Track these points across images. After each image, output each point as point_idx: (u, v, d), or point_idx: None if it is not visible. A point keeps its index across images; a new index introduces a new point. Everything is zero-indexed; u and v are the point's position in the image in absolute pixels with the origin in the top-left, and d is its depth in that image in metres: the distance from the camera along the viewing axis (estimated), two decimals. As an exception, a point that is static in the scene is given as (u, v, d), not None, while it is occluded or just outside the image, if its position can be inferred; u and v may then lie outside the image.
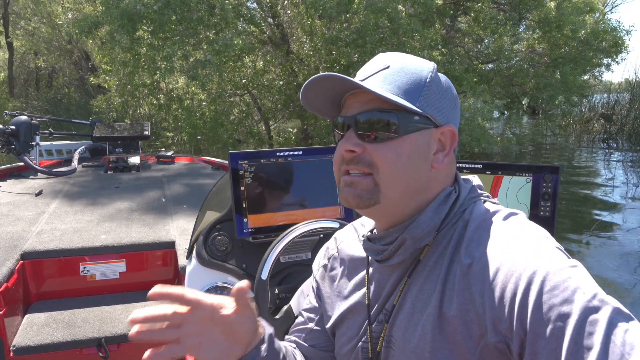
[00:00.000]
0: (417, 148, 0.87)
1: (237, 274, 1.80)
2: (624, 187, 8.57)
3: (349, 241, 1.07)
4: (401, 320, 0.87)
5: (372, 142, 0.86)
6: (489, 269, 0.75)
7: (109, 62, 10.39)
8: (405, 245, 0.86)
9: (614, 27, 12.76)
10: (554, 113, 15.36)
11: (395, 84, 0.86)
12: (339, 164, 0.90)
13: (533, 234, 0.78)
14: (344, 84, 0.87)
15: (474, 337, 0.75)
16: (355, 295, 0.98)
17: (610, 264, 4.98)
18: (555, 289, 0.67)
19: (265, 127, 12.77)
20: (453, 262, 0.82)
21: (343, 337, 0.99)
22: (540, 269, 0.69)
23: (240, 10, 9.93)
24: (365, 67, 0.93)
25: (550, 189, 1.43)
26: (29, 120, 4.14)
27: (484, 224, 0.83)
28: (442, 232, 0.86)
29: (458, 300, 0.77)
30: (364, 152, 0.86)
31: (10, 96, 18.56)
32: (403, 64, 0.90)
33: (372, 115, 0.86)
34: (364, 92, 0.88)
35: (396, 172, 0.86)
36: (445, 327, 0.78)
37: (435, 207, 0.87)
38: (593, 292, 0.66)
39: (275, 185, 1.81)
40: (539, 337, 0.66)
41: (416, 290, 0.85)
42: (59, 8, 15.29)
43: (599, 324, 0.63)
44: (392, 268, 0.91)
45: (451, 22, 12.79)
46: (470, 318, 0.75)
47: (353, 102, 0.89)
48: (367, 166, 0.86)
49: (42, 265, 2.38)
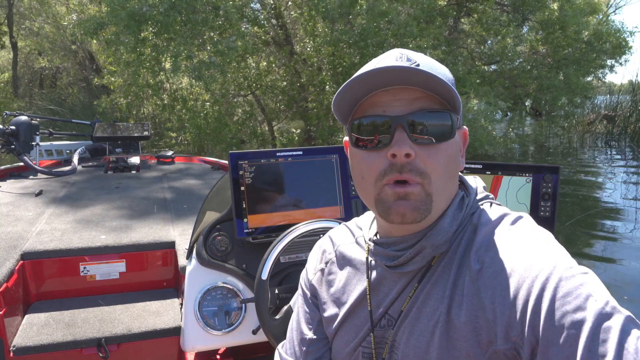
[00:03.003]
0: (457, 151, 0.84)
1: (237, 274, 1.80)
2: (625, 188, 8.54)
3: (346, 244, 1.02)
4: (406, 325, 0.85)
5: (423, 146, 0.78)
6: (500, 275, 0.74)
7: (113, 63, 10.42)
8: (424, 253, 0.83)
9: (618, 29, 12.75)
10: (557, 114, 15.33)
11: (445, 80, 0.78)
12: (379, 172, 0.80)
13: (543, 239, 0.77)
14: (395, 77, 0.78)
15: (483, 344, 0.73)
16: (355, 300, 0.94)
17: (613, 265, 4.97)
18: (568, 295, 0.66)
19: (269, 127, 12.78)
20: (462, 267, 0.80)
21: (341, 340, 0.97)
22: (552, 275, 0.68)
23: (244, 11, 9.95)
24: (382, 61, 0.83)
25: (550, 189, 1.43)
26: (29, 121, 4.14)
27: (493, 229, 0.81)
28: (452, 236, 0.84)
29: (467, 307, 0.76)
30: (416, 158, 0.78)
31: (15, 96, 18.61)
32: (429, 62, 0.83)
33: (426, 116, 0.79)
34: (406, 89, 0.80)
35: (446, 178, 0.81)
36: (453, 334, 0.77)
37: (452, 213, 0.84)
38: (605, 299, 0.65)
39: (275, 185, 1.80)
40: (551, 344, 0.65)
41: (423, 295, 0.83)
42: (63, 9, 15.34)
43: (613, 332, 0.62)
44: (399, 274, 0.87)
45: (454, 24, 12.78)
46: (480, 324, 0.74)
47: (391, 100, 0.80)
48: (418, 175, 0.78)
49: (42, 265, 2.38)
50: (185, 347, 1.77)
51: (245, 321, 1.78)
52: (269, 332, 1.50)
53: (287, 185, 1.82)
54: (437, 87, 0.78)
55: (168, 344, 2.19)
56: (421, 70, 0.75)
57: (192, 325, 1.75)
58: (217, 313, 1.77)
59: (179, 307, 2.34)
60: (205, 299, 1.77)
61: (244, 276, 1.80)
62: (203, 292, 1.77)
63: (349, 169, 1.88)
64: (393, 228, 0.87)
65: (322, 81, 10.40)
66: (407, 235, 0.86)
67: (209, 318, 1.76)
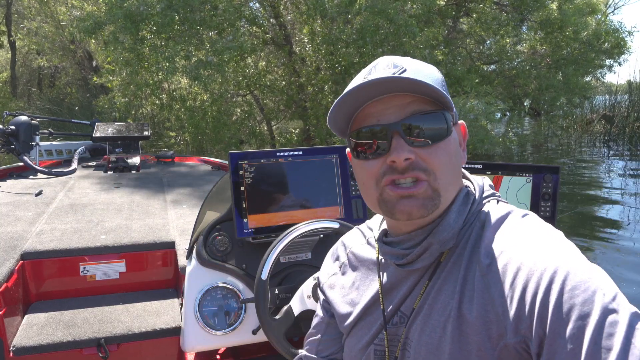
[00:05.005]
0: (456, 146, 0.87)
1: (237, 274, 1.80)
2: (624, 187, 8.55)
3: (358, 246, 1.06)
4: (418, 322, 0.86)
5: (423, 147, 0.82)
6: (509, 269, 0.75)
7: (111, 62, 10.41)
8: (431, 249, 0.84)
9: (616, 29, 12.78)
10: (556, 114, 15.36)
11: (432, 82, 0.81)
12: (378, 175, 0.84)
13: (551, 234, 0.78)
14: (383, 87, 0.81)
15: (493, 338, 0.74)
16: (369, 300, 0.96)
17: (613, 265, 4.98)
18: (576, 289, 0.67)
19: (268, 127, 12.78)
20: (471, 262, 0.81)
21: (353, 338, 0.99)
22: (560, 268, 0.69)
23: (242, 11, 9.94)
24: (372, 72, 0.86)
25: (550, 189, 1.43)
26: (28, 121, 4.14)
27: (502, 224, 0.82)
28: (460, 232, 0.85)
29: (478, 301, 0.77)
30: (416, 159, 0.81)
31: (13, 96, 18.59)
32: (417, 66, 0.86)
33: (419, 118, 0.82)
34: (397, 96, 0.83)
35: (450, 173, 0.84)
36: (464, 328, 0.78)
37: (457, 209, 0.86)
38: (613, 293, 0.66)
39: (275, 185, 1.80)
40: (558, 336, 0.66)
41: (434, 291, 0.84)
42: (62, 8, 15.33)
43: (619, 326, 0.63)
44: (409, 271, 0.89)
45: (453, 23, 12.79)
46: (490, 319, 0.75)
47: (383, 109, 0.84)
48: (423, 172, 0.81)
49: (42, 265, 2.38)
50: (185, 347, 1.77)
51: (245, 321, 1.79)
52: (269, 332, 1.50)
53: (287, 185, 1.82)
54: (424, 89, 0.81)
55: (168, 344, 2.19)
56: (404, 78, 0.79)
57: (192, 325, 1.75)
58: (217, 313, 1.78)
59: (179, 307, 2.34)
60: (205, 299, 1.77)
61: (244, 276, 1.80)
62: (203, 292, 1.77)
63: (349, 169, 1.89)
64: (401, 224, 0.90)
65: (321, 81, 10.40)
66: (413, 232, 0.87)
67: (209, 318, 1.77)
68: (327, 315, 1.10)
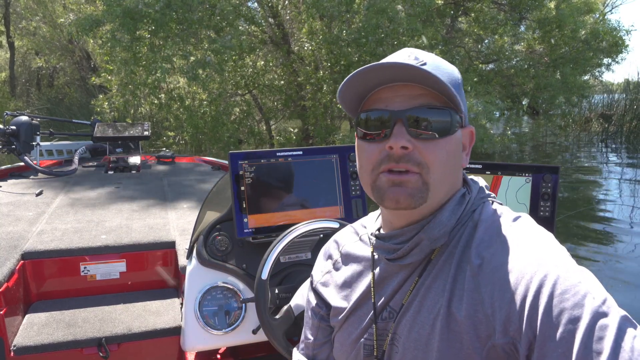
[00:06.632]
0: (457, 147, 0.87)
1: (237, 274, 1.80)
2: (622, 185, 8.57)
3: (350, 243, 1.06)
4: (407, 318, 0.86)
5: (423, 140, 0.82)
6: (500, 271, 0.75)
7: (109, 61, 10.39)
8: (421, 245, 0.85)
9: (614, 27, 12.77)
10: (554, 113, 15.37)
11: (446, 80, 0.82)
12: (376, 162, 0.85)
13: (543, 237, 0.79)
14: (395, 73, 0.82)
15: (482, 337, 0.75)
16: (360, 294, 0.97)
17: (612, 266, 4.99)
18: (566, 292, 0.67)
19: (266, 126, 12.77)
20: (462, 262, 0.82)
21: (344, 333, 0.99)
22: (551, 272, 0.70)
23: (240, 10, 9.93)
24: (391, 58, 0.88)
25: (550, 189, 1.43)
26: (29, 121, 4.14)
27: (494, 225, 0.83)
28: (452, 231, 0.86)
29: (467, 301, 0.78)
30: (414, 150, 0.82)
31: (12, 96, 18.57)
32: (437, 61, 0.88)
33: (426, 112, 0.83)
34: (407, 86, 0.84)
35: (445, 171, 0.84)
36: (453, 327, 0.79)
37: (452, 208, 0.86)
38: (603, 297, 0.67)
39: (275, 185, 1.81)
40: (548, 339, 0.66)
41: (424, 288, 0.85)
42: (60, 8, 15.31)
43: (609, 329, 0.63)
44: (400, 266, 0.90)
45: (451, 23, 12.79)
46: (479, 318, 0.76)
47: (393, 96, 0.85)
48: (416, 165, 0.82)
49: (43, 265, 2.38)
50: (186, 346, 1.77)
51: (245, 321, 1.79)
52: (269, 332, 1.51)
53: (287, 185, 1.82)
54: (435, 85, 0.81)
55: (168, 343, 2.19)
56: (419, 68, 0.79)
57: (192, 325, 1.76)
58: (217, 313, 1.78)
59: (179, 307, 2.34)
60: (206, 298, 1.78)
61: (244, 276, 1.80)
62: (203, 292, 1.77)
63: (349, 169, 1.90)
64: (393, 218, 0.91)
65: (320, 80, 10.40)
66: (406, 228, 0.88)
67: (209, 318, 1.77)
68: (316, 319, 1.09)
